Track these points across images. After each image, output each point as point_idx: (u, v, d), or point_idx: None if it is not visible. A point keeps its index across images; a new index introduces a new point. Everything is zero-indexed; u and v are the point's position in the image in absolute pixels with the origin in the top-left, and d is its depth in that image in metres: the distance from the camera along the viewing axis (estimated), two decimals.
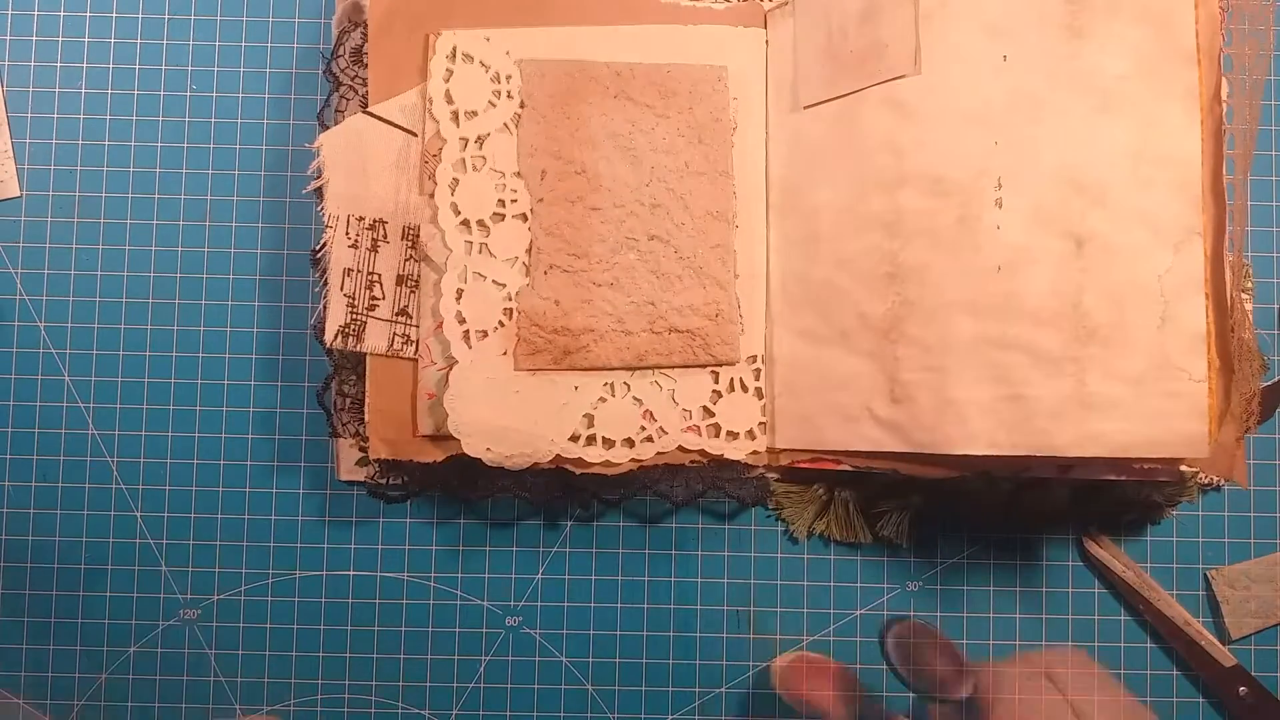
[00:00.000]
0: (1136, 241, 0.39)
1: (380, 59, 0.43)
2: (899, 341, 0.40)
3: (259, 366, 0.47)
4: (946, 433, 0.39)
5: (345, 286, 0.43)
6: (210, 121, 0.47)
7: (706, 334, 0.43)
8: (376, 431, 0.43)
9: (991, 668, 0.44)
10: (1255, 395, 0.39)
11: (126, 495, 0.46)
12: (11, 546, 0.46)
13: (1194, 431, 0.38)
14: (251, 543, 0.46)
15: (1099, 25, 0.39)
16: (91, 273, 0.47)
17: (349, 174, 0.43)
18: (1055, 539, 0.47)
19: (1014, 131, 0.39)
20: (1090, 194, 0.39)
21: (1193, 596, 0.46)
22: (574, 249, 0.42)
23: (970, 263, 0.39)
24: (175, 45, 0.48)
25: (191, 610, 0.46)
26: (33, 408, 0.46)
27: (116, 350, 0.47)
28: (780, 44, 0.44)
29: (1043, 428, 0.38)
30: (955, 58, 0.40)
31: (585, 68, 0.43)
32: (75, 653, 0.46)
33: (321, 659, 0.46)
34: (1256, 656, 0.46)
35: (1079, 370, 0.38)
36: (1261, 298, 0.47)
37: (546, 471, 0.43)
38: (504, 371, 0.42)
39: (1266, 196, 0.47)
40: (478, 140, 0.43)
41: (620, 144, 0.43)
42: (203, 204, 0.47)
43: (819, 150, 0.43)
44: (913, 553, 0.47)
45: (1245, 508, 0.47)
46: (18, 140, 0.47)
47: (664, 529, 0.47)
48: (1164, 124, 0.39)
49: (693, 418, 0.43)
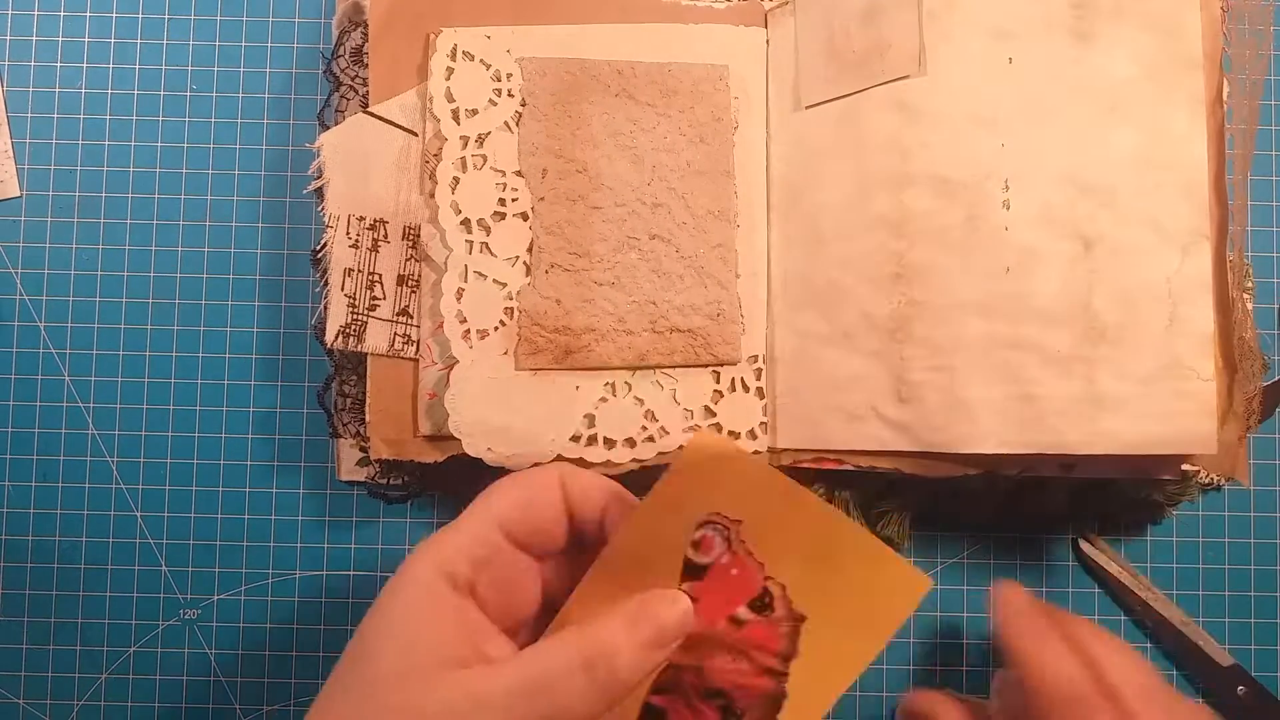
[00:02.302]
0: (1144, 243, 0.39)
1: (380, 59, 0.43)
2: (906, 341, 0.40)
3: (259, 366, 0.47)
4: (957, 432, 0.40)
5: (346, 286, 0.43)
6: (210, 121, 0.47)
7: (708, 333, 0.43)
8: (377, 431, 0.43)
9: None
10: (1257, 394, 0.39)
11: (126, 495, 0.46)
12: (11, 546, 0.46)
13: (1203, 430, 0.38)
14: (251, 543, 0.46)
15: (1105, 30, 0.39)
16: (91, 273, 0.47)
17: (349, 174, 0.43)
18: (1055, 539, 0.47)
19: (1021, 134, 0.39)
20: (1098, 196, 0.39)
21: (1193, 596, 0.46)
22: (575, 248, 0.42)
23: (979, 263, 0.39)
24: (175, 45, 0.48)
25: (191, 610, 0.46)
26: (33, 408, 0.46)
27: (116, 350, 0.47)
28: (781, 43, 0.44)
29: (1053, 426, 0.38)
30: (960, 60, 0.40)
31: (586, 66, 0.43)
32: (75, 653, 0.46)
33: (321, 659, 0.46)
34: (1256, 656, 0.46)
35: (1089, 370, 0.38)
36: (1261, 298, 0.47)
37: None
38: (505, 371, 0.42)
39: (1266, 196, 0.47)
40: (478, 139, 0.43)
41: (621, 143, 0.43)
42: (203, 204, 0.47)
43: (821, 150, 0.43)
44: (913, 553, 0.47)
45: (1245, 508, 0.47)
46: (18, 140, 0.47)
47: None
48: (1170, 128, 0.39)
49: (694, 417, 0.43)
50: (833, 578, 0.30)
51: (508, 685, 0.28)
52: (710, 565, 0.31)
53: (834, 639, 0.30)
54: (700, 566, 0.31)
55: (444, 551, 0.30)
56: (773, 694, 0.30)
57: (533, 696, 0.28)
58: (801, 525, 0.30)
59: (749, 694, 0.30)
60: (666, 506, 0.31)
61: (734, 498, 0.30)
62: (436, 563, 0.30)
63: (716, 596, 0.31)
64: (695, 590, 0.31)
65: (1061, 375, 0.39)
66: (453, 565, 0.30)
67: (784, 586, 0.30)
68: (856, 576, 0.30)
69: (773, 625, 0.30)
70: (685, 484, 0.30)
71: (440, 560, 0.30)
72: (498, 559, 0.31)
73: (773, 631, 0.30)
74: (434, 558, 0.30)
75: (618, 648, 0.29)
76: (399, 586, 0.30)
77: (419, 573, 0.29)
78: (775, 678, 0.30)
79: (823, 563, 0.30)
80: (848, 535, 0.30)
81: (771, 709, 0.30)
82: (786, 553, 0.30)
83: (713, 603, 0.31)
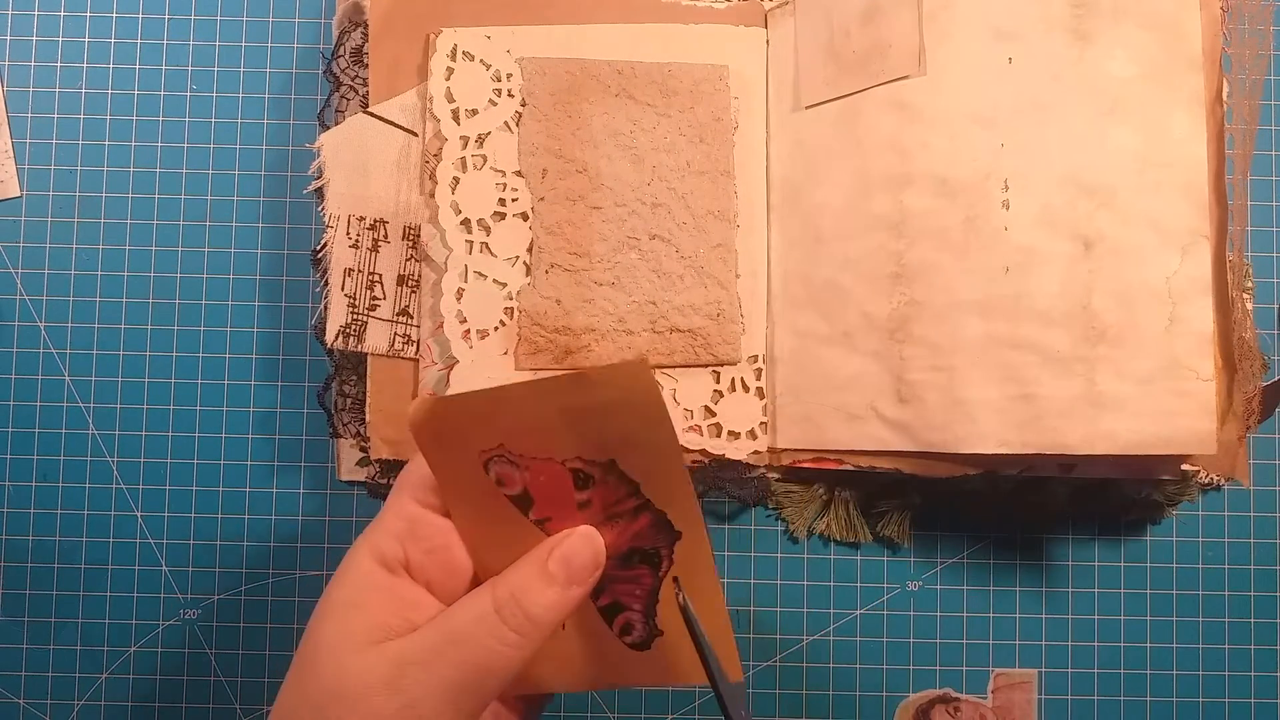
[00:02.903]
0: (1144, 244, 0.39)
1: (380, 59, 0.43)
2: (905, 341, 0.40)
3: (259, 366, 0.47)
4: (956, 432, 0.40)
5: (346, 286, 0.43)
6: (210, 121, 0.47)
7: (708, 334, 0.43)
8: (377, 431, 0.43)
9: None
10: (1256, 394, 0.39)
11: (126, 495, 0.46)
12: (11, 546, 0.46)
13: (1202, 429, 0.38)
14: (251, 543, 0.46)
15: (1105, 30, 0.39)
16: (91, 273, 0.47)
17: (349, 174, 0.43)
18: (1055, 539, 0.47)
19: (1020, 134, 0.39)
20: (1098, 197, 0.39)
21: (1193, 597, 0.46)
22: (575, 248, 0.42)
23: (978, 263, 0.39)
24: (175, 45, 0.48)
25: (191, 610, 0.46)
26: (33, 408, 0.46)
27: (116, 350, 0.47)
28: (781, 43, 0.44)
29: (1053, 426, 0.39)
30: (960, 60, 0.40)
31: (586, 66, 0.43)
32: (75, 653, 0.46)
33: None
34: (1256, 656, 0.46)
35: (1089, 370, 0.38)
36: (1261, 298, 0.47)
37: None
38: (505, 371, 0.42)
39: (1266, 196, 0.47)
40: (478, 139, 0.43)
41: (621, 143, 0.43)
42: (203, 204, 0.47)
43: (821, 150, 0.43)
44: (913, 553, 0.47)
45: (1245, 508, 0.47)
46: (18, 140, 0.47)
47: None
48: (1170, 128, 0.39)
49: (694, 417, 0.43)
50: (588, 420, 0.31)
51: (426, 642, 0.29)
52: (525, 490, 0.32)
53: (640, 448, 0.31)
54: (520, 496, 0.32)
55: (373, 537, 0.31)
56: (655, 519, 0.32)
57: (452, 647, 0.29)
58: (532, 411, 0.31)
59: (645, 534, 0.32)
60: (451, 478, 0.32)
61: (478, 432, 0.31)
62: (368, 548, 0.31)
63: (554, 504, 0.32)
64: (538, 514, 0.32)
65: (1061, 375, 0.39)
66: (382, 546, 0.31)
67: (579, 457, 0.31)
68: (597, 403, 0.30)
69: (604, 484, 0.32)
70: (438, 450, 0.32)
71: (371, 545, 0.31)
72: (421, 529, 0.32)
73: (608, 487, 0.32)
74: (366, 544, 0.31)
75: (528, 590, 0.30)
76: (339, 576, 0.31)
77: (355, 560, 0.31)
78: (645, 509, 0.32)
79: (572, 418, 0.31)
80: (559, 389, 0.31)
81: (665, 527, 0.32)
82: (549, 437, 0.31)
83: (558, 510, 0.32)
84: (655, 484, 0.31)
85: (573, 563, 0.31)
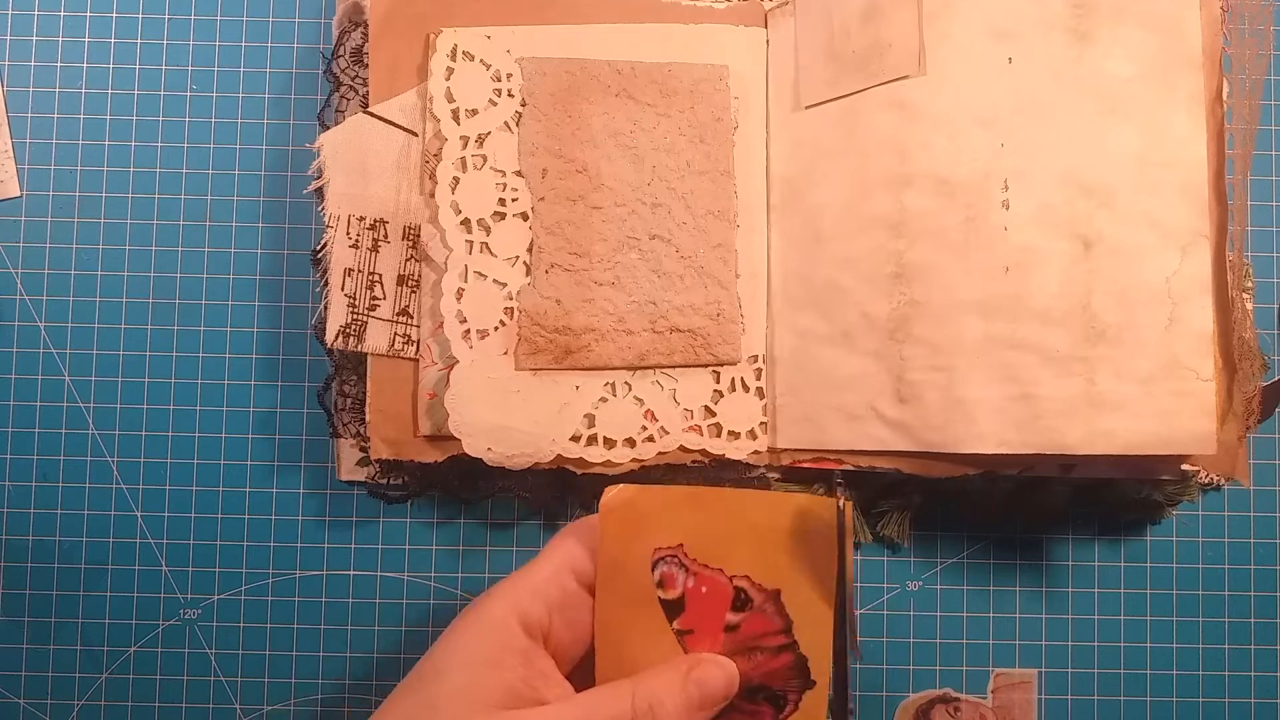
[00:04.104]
0: (1144, 243, 0.39)
1: (381, 59, 0.43)
2: (905, 341, 0.40)
3: (259, 366, 0.47)
4: (956, 432, 0.40)
5: (346, 286, 0.43)
6: (210, 121, 0.47)
7: (708, 333, 0.43)
8: (377, 431, 0.43)
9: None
10: (1256, 394, 0.39)
11: (126, 495, 0.46)
12: (11, 546, 0.46)
13: (1202, 429, 0.38)
14: (251, 543, 0.46)
15: (1104, 30, 0.39)
16: (91, 273, 0.47)
17: (349, 174, 0.43)
18: (1055, 539, 0.47)
19: (1020, 134, 0.39)
20: (1097, 197, 0.39)
21: (1193, 596, 0.46)
22: (575, 248, 0.42)
23: (978, 263, 0.39)
24: (175, 45, 0.48)
25: (191, 610, 0.46)
26: (33, 408, 0.46)
27: (116, 350, 0.47)
28: (781, 43, 0.44)
29: (1052, 426, 0.39)
30: (960, 60, 0.40)
31: (586, 66, 0.43)
32: (75, 653, 0.46)
33: (321, 659, 0.46)
34: (1256, 656, 0.46)
35: (1088, 370, 0.38)
36: (1261, 298, 0.47)
37: (547, 472, 0.43)
38: (505, 371, 0.42)
39: (1266, 196, 0.47)
40: (478, 139, 0.43)
41: (621, 143, 0.43)
42: (203, 204, 0.47)
43: (821, 150, 0.43)
44: (913, 553, 0.47)
45: (1245, 508, 0.47)
46: (18, 140, 0.47)
47: None
48: (1170, 128, 0.39)
49: (694, 417, 0.43)
50: (773, 543, 0.32)
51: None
52: (682, 596, 0.33)
53: (807, 587, 0.32)
54: (675, 601, 0.33)
55: (519, 594, 0.32)
56: (796, 662, 0.33)
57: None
58: (723, 518, 0.32)
59: (780, 674, 0.33)
60: (615, 567, 0.33)
61: (663, 528, 0.33)
62: (512, 603, 0.32)
63: (704, 618, 0.33)
64: (684, 624, 0.33)
65: (1061, 375, 0.39)
66: (527, 607, 0.32)
67: (748, 576, 0.32)
68: (786, 529, 0.32)
69: (760, 613, 0.32)
70: (617, 538, 0.33)
71: (515, 601, 0.32)
72: (570, 601, 0.33)
73: (764, 617, 0.32)
74: (511, 599, 0.32)
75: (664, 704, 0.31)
76: (475, 619, 0.31)
77: (496, 610, 0.31)
78: (789, 649, 0.32)
79: (758, 537, 0.32)
80: (758, 504, 0.33)
81: (803, 673, 0.33)
82: (730, 548, 0.32)
83: (705, 625, 0.33)
84: (808, 627, 0.32)
85: (706, 688, 0.32)
